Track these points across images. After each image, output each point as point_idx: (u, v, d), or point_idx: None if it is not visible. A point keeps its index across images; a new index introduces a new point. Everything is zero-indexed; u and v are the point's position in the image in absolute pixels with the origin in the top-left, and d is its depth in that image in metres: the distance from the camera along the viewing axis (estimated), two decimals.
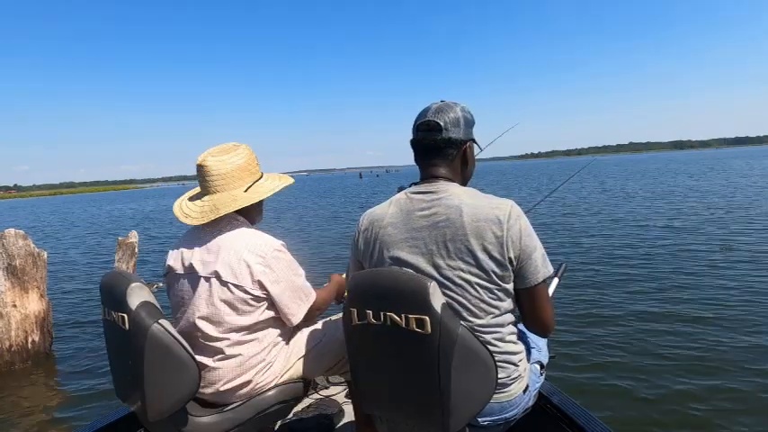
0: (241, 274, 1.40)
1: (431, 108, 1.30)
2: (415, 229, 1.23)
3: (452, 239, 1.17)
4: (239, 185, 1.51)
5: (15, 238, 4.41)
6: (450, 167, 1.31)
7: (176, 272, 1.49)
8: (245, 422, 1.44)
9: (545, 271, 1.21)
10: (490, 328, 1.20)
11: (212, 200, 1.48)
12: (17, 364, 4.40)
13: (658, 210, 12.39)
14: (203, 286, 1.42)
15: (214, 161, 1.49)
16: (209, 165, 1.49)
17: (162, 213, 24.23)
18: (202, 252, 1.46)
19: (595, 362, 3.80)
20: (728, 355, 3.71)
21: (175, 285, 1.50)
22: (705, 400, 3.13)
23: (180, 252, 1.51)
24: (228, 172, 1.49)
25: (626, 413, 3.08)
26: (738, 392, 3.19)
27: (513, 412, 1.27)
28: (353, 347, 1.22)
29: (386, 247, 1.26)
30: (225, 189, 1.49)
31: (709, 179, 22.59)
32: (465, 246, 1.16)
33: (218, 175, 1.48)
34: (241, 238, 1.45)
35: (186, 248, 1.50)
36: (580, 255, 7.65)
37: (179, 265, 1.49)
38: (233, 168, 1.50)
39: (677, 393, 3.25)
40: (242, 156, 1.53)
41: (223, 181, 1.49)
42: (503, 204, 1.20)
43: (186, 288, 1.46)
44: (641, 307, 4.95)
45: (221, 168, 1.48)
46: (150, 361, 1.21)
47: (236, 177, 1.50)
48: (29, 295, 4.47)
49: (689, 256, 6.94)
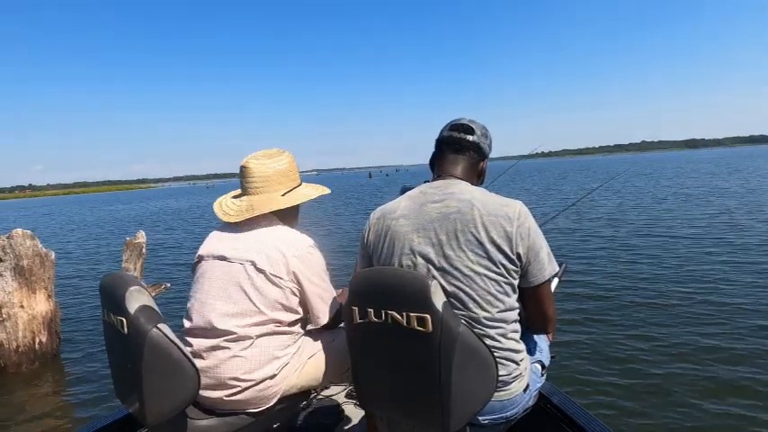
0: (276, 264, 1.42)
1: (464, 117, 1.43)
2: (427, 220, 1.26)
3: (463, 231, 1.20)
4: (278, 189, 1.56)
5: (23, 238, 4.42)
6: (469, 170, 1.39)
7: (207, 260, 1.50)
8: (244, 427, 1.43)
9: (551, 269, 1.25)
10: (494, 323, 1.21)
11: (250, 200, 1.54)
12: (24, 365, 4.42)
13: (655, 209, 12.33)
14: (237, 272, 1.43)
15: (257, 164, 1.55)
16: (251, 167, 1.55)
17: (174, 213, 24.33)
18: (236, 242, 1.48)
19: (595, 362, 3.81)
20: (732, 356, 3.71)
21: (205, 272, 1.49)
22: (706, 400, 3.13)
23: (213, 243, 1.54)
24: (269, 175, 1.55)
25: (626, 413, 3.08)
26: (739, 392, 3.19)
27: (513, 411, 1.28)
28: (354, 346, 1.23)
29: (397, 238, 1.28)
30: (264, 191, 1.55)
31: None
32: (475, 237, 1.19)
33: (258, 177, 1.55)
34: (276, 231, 1.50)
35: (219, 240, 1.53)
36: (581, 254, 7.64)
37: (210, 254, 1.50)
38: (274, 172, 1.56)
39: (678, 393, 3.25)
40: (284, 162, 1.59)
41: (263, 183, 1.55)
42: (512, 203, 1.25)
43: (217, 274, 1.46)
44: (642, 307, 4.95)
45: (263, 171, 1.55)
46: (149, 365, 1.21)
47: (275, 181, 1.56)
48: (36, 296, 4.49)
49: (692, 255, 6.91)
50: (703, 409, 3.05)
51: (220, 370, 1.38)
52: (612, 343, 4.13)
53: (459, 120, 1.43)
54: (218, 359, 1.39)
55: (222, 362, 1.38)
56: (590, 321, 4.66)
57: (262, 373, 1.39)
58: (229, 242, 1.50)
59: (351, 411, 2.18)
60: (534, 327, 1.37)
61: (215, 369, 1.39)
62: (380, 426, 1.36)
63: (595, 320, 4.67)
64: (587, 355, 3.95)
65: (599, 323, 4.60)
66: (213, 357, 1.39)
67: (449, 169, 1.37)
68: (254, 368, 1.39)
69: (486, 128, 1.44)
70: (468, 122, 1.41)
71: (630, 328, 4.41)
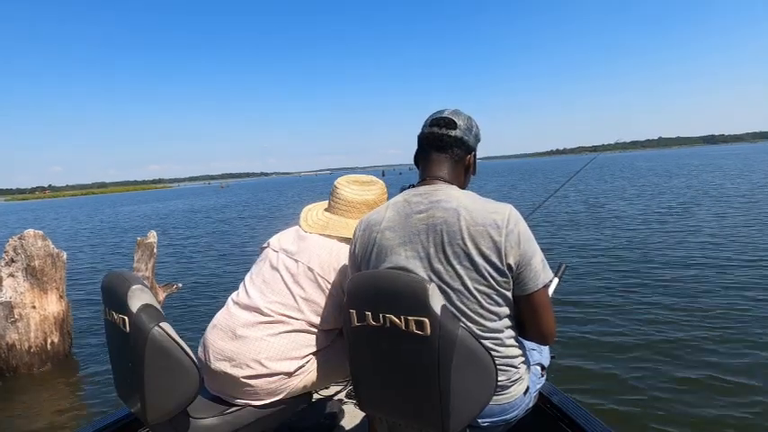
0: (327, 268, 1.51)
1: (446, 109, 1.35)
2: (413, 232, 1.21)
3: (450, 243, 1.16)
4: (358, 217, 1.61)
5: (34, 238, 4.47)
6: (453, 169, 1.31)
7: (273, 248, 1.63)
8: (245, 426, 1.44)
9: (545, 276, 1.19)
10: (489, 334, 1.19)
11: (329, 219, 1.65)
12: (36, 366, 4.46)
13: (652, 207, 12.17)
14: (291, 266, 1.54)
15: (346, 187, 1.68)
16: (340, 189, 1.68)
17: (187, 215, 24.53)
18: (299, 242, 1.60)
19: (595, 362, 3.81)
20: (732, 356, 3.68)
21: (267, 258, 1.61)
22: (706, 400, 3.12)
23: (281, 236, 1.67)
24: (354, 202, 1.66)
25: (626, 413, 3.07)
26: (740, 393, 3.17)
27: (513, 414, 1.26)
28: (353, 349, 1.22)
29: (383, 251, 1.24)
30: (343, 215, 1.65)
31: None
32: (463, 250, 1.14)
33: (344, 201, 1.66)
34: (334, 243, 1.58)
35: (288, 236, 1.66)
36: (582, 254, 7.60)
37: (279, 244, 1.63)
38: (359, 201, 1.66)
39: (678, 393, 3.24)
40: (373, 193, 1.69)
41: (346, 207, 1.66)
42: (501, 209, 1.18)
43: (275, 263, 1.57)
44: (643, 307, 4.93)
45: (349, 196, 1.66)
46: (150, 365, 1.22)
47: (357, 209, 1.65)
48: (48, 296, 4.53)
49: (693, 255, 6.85)
50: (704, 408, 3.04)
51: (246, 348, 1.44)
52: (613, 342, 4.13)
53: (441, 113, 1.33)
54: (248, 337, 1.45)
55: (251, 340, 1.44)
56: (590, 321, 4.65)
57: (280, 366, 1.44)
58: (298, 240, 1.61)
59: (351, 411, 2.19)
60: (530, 337, 1.28)
61: (243, 345, 1.45)
62: (381, 428, 1.36)
63: (595, 320, 4.66)
64: (587, 354, 3.95)
65: (599, 323, 4.59)
66: (245, 333, 1.46)
67: (434, 170, 1.30)
68: (275, 357, 1.44)
69: (470, 118, 1.34)
70: (449, 115, 1.31)
71: (631, 328, 4.39)
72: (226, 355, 1.45)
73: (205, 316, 5.79)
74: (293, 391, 1.49)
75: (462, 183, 1.35)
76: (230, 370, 1.44)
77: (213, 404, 1.47)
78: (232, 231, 15.32)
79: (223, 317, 1.54)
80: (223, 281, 7.87)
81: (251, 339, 1.44)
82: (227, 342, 1.46)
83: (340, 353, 1.56)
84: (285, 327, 1.47)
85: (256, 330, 1.46)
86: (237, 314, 1.51)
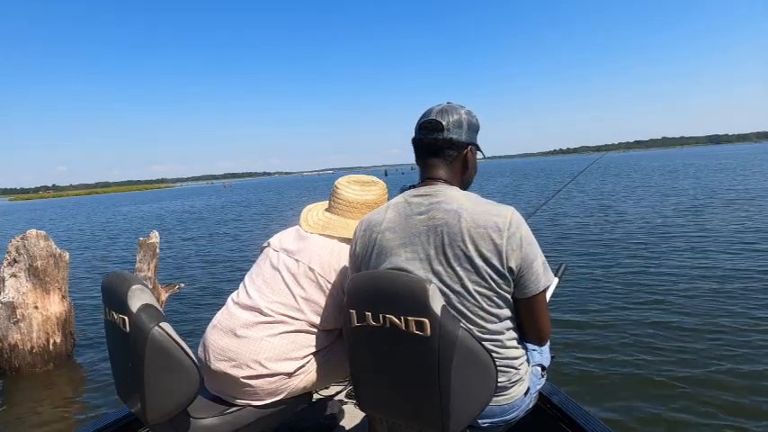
0: (328, 269, 1.51)
1: (434, 108, 1.29)
2: (414, 234, 1.20)
3: (451, 245, 1.15)
4: (357, 217, 1.61)
5: (37, 239, 4.46)
6: (450, 170, 1.29)
7: (273, 247, 1.63)
8: (245, 426, 1.44)
9: (545, 280, 1.18)
10: (490, 336, 1.18)
11: (330, 219, 1.65)
12: (39, 366, 4.46)
13: (656, 208, 12.13)
14: (292, 266, 1.53)
15: (347, 188, 1.68)
16: (341, 189, 1.68)
17: (188, 214, 24.54)
18: (300, 242, 1.60)
19: (595, 362, 3.80)
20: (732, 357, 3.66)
21: (268, 257, 1.61)
22: (707, 400, 3.11)
23: (282, 236, 1.67)
24: (354, 202, 1.65)
25: (626, 413, 3.06)
26: (740, 393, 3.16)
27: (513, 414, 1.26)
28: (353, 349, 1.22)
29: (384, 253, 1.24)
30: (344, 215, 1.65)
31: None
32: (463, 252, 1.14)
33: (344, 201, 1.66)
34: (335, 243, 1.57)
35: (288, 235, 1.66)
36: (583, 254, 7.58)
37: (277, 244, 1.63)
38: (360, 201, 1.65)
39: (678, 393, 3.23)
40: (373, 193, 1.69)
41: (347, 208, 1.65)
42: (503, 211, 1.17)
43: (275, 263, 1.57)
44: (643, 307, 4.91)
45: (350, 197, 1.66)
46: (150, 365, 1.22)
47: (357, 209, 1.65)
48: (50, 297, 4.54)
49: (694, 255, 6.84)
50: (704, 408, 3.03)
51: (246, 349, 1.44)
52: (613, 342, 4.11)
53: (428, 114, 1.28)
54: (248, 337, 1.45)
55: (251, 341, 1.44)
56: (590, 321, 4.64)
57: (280, 366, 1.44)
58: (299, 240, 1.61)
59: (351, 411, 2.19)
60: (527, 338, 1.29)
61: (243, 345, 1.44)
62: (381, 428, 1.36)
63: (596, 320, 4.65)
64: (587, 354, 3.94)
65: (599, 322, 4.58)
66: (245, 333, 1.46)
67: (431, 172, 1.28)
68: (276, 358, 1.44)
69: (460, 111, 1.27)
70: (435, 116, 1.25)
71: (631, 328, 4.38)
72: (226, 356, 1.45)
73: (207, 316, 5.79)
74: (293, 391, 1.49)
75: (462, 180, 1.33)
76: (230, 370, 1.44)
77: (213, 404, 1.47)
78: (232, 231, 15.32)
79: (223, 317, 1.54)
80: (224, 281, 7.87)
81: (251, 340, 1.44)
82: (227, 342, 1.46)
83: (340, 353, 1.55)
84: (285, 327, 1.47)
85: (256, 330, 1.45)
86: (238, 314, 1.50)
